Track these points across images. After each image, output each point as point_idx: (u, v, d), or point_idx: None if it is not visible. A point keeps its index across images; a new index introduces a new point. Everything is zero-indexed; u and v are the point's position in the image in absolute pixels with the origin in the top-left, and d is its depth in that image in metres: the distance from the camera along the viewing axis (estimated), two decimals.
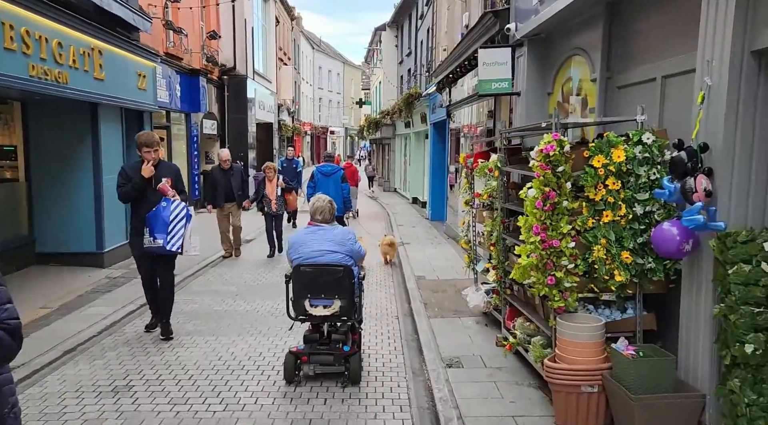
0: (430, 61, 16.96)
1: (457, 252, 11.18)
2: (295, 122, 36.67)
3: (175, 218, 5.62)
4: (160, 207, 5.61)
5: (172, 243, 5.61)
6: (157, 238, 5.54)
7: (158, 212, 5.59)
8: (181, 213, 5.69)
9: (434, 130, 16.28)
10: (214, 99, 18.13)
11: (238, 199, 10.31)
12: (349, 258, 4.73)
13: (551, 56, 6.69)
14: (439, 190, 16.33)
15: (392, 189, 26.68)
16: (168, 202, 5.65)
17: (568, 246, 4.03)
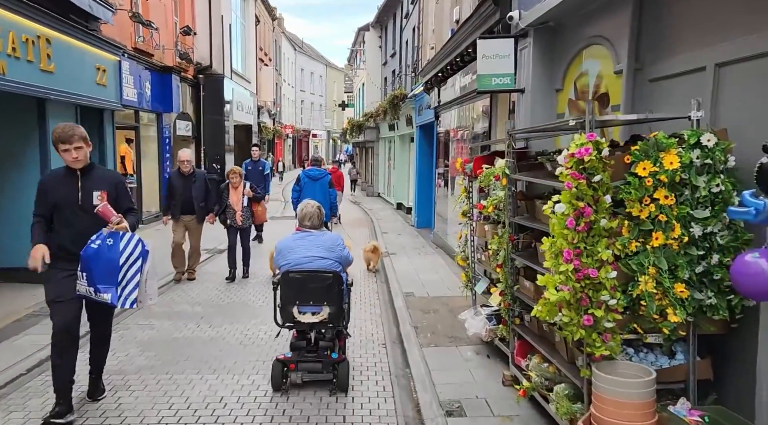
0: (416, 61, 16.08)
1: (447, 264, 10.28)
2: (277, 125, 35.60)
3: (126, 261, 3.92)
4: (102, 244, 3.86)
5: (125, 297, 3.96)
6: (101, 291, 3.87)
7: (100, 252, 3.84)
8: (135, 252, 3.96)
9: (421, 133, 15.39)
10: (188, 99, 17.06)
11: (198, 211, 8.40)
12: (338, 264, 4.63)
13: (561, 47, 5.82)
14: (425, 196, 15.45)
15: (376, 193, 25.76)
16: (116, 237, 3.90)
17: (608, 276, 3.13)
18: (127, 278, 3.95)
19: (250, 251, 9.08)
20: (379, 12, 23.83)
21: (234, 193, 8.66)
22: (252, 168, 12.11)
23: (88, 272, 3.86)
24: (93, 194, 4.00)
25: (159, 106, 14.44)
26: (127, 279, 3.95)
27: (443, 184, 12.26)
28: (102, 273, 3.85)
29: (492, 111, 8.14)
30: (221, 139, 17.86)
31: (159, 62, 14.39)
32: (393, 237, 13.74)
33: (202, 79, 17.35)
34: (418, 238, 13.66)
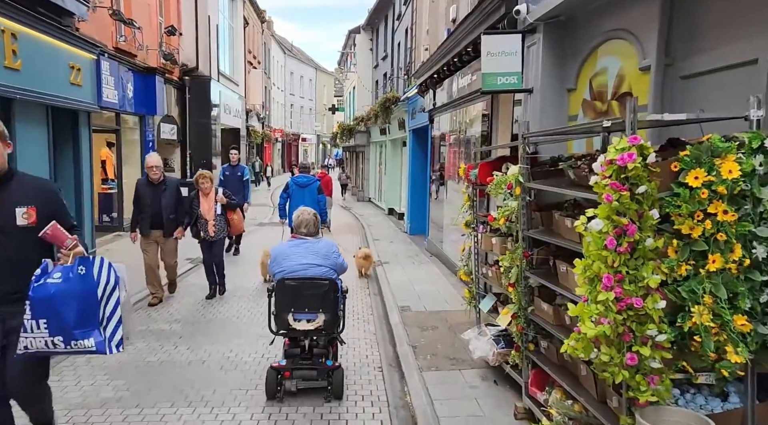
0: (409, 64, 15.57)
1: (443, 274, 9.74)
2: (266, 128, 34.97)
3: (104, 294, 3.11)
4: (69, 276, 3.02)
5: (110, 339, 3.12)
6: (79, 338, 2.99)
7: (68, 287, 2.99)
8: (110, 281, 3.14)
9: (414, 137, 14.87)
10: (174, 101, 16.43)
11: (168, 224, 7.22)
12: (333, 271, 4.60)
13: (574, 44, 5.31)
14: (419, 202, 14.91)
15: (366, 198, 25.20)
16: (87, 264, 3.09)
17: (656, 306, 2.60)
18: (107, 315, 3.12)
19: (223, 266, 8.06)
20: (370, 14, 23.33)
21: (205, 200, 7.58)
22: (230, 173, 11.03)
23: (50, 317, 2.94)
24: (16, 211, 3.08)
25: (142, 108, 13.80)
26: (107, 316, 3.12)
27: (438, 189, 11.74)
28: (77, 313, 2.99)
29: (492, 113, 7.63)
30: (208, 142, 17.23)
31: (142, 63, 13.76)
32: (385, 245, 13.19)
33: (188, 81, 16.72)
34: (411, 246, 13.12)
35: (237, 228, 8.17)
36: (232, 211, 7.83)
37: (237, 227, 8.13)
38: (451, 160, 10.48)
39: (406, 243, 13.56)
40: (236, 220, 7.93)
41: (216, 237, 7.64)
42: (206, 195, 7.60)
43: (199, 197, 7.59)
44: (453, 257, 9.98)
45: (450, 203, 10.50)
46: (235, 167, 11.13)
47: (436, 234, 11.80)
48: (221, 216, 7.64)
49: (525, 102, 5.90)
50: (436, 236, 11.69)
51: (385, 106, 16.02)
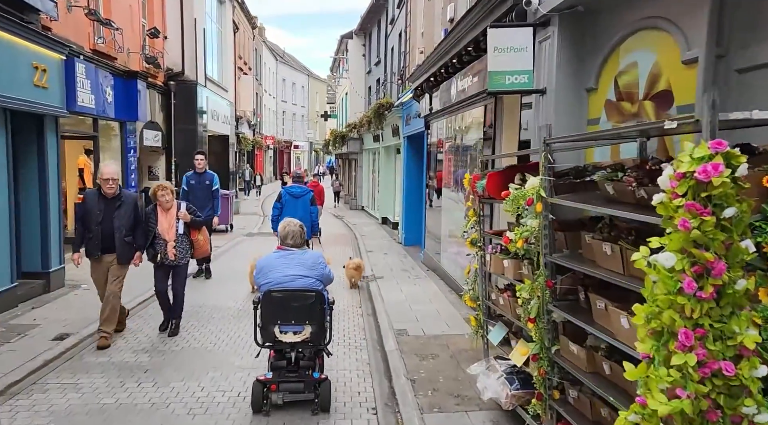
0: (403, 68, 14.91)
1: (441, 291, 9.02)
2: (257, 135, 34.21)
3: None
4: None
5: None
6: None
7: None
8: None
9: (408, 144, 14.18)
10: (158, 107, 15.66)
11: (122, 248, 5.92)
12: (319, 282, 4.51)
13: (596, 36, 4.63)
14: (414, 212, 14.21)
15: (359, 207, 24.47)
16: None
17: (754, 374, 1.90)
18: None
19: (183, 299, 6.53)
20: (362, 19, 22.69)
21: (165, 217, 6.18)
22: (196, 182, 9.55)
23: None
24: None
25: (123, 113, 13.03)
26: None
27: (434, 199, 11.04)
28: None
29: (496, 118, 6.94)
30: (194, 150, 16.41)
31: (123, 66, 13.00)
32: (379, 257, 12.45)
33: (173, 86, 15.96)
34: (406, 258, 12.39)
35: (202, 250, 6.69)
36: (197, 230, 6.46)
37: (202, 249, 6.67)
38: (448, 168, 9.79)
39: (400, 255, 12.83)
40: (201, 241, 6.55)
41: (177, 261, 6.23)
42: (166, 210, 6.22)
43: (158, 213, 6.20)
44: (451, 272, 9.27)
45: (448, 213, 9.80)
46: (201, 175, 9.68)
47: (432, 245, 11.09)
48: (184, 236, 6.26)
49: (537, 104, 5.21)
50: (433, 248, 10.98)
51: (379, 112, 15.33)
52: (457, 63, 7.75)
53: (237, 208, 22.33)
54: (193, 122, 16.39)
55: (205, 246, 6.76)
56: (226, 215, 16.54)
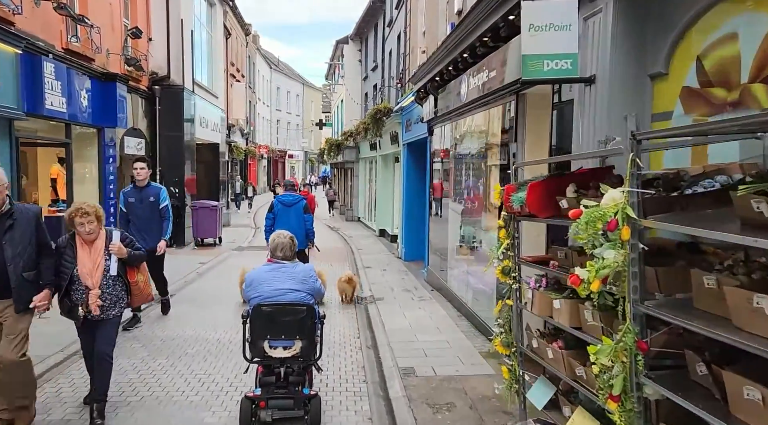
0: (402, 71, 13.88)
1: (449, 316, 7.91)
2: (250, 144, 33.12)
3: None
4: None
5: None
6: None
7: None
8: None
9: (409, 152, 13.12)
10: (141, 113, 14.57)
11: (19, 290, 4.01)
12: (310, 296, 4.32)
13: (663, 8, 3.58)
14: (415, 224, 13.13)
15: (355, 218, 23.36)
16: None
17: None
18: None
19: (111, 362, 4.39)
20: (358, 23, 21.72)
21: (87, 253, 4.22)
22: (136, 200, 7.26)
23: None
24: None
25: (100, 119, 11.92)
26: None
27: (439, 210, 9.96)
28: None
29: (518, 119, 5.87)
30: (180, 158, 15.34)
31: (101, 68, 11.91)
32: (378, 274, 11.34)
33: (157, 91, 14.86)
34: (407, 276, 11.28)
35: (142, 295, 4.71)
36: (136, 269, 4.54)
37: (143, 294, 4.69)
38: (456, 177, 8.72)
39: (401, 272, 11.72)
40: (141, 284, 4.58)
41: (104, 315, 4.27)
42: (89, 244, 4.23)
43: (76, 247, 4.24)
44: (460, 293, 8.18)
45: (455, 226, 8.73)
46: (143, 189, 7.34)
47: (437, 262, 9.99)
48: (117, 278, 4.32)
49: (582, 97, 4.13)
50: (438, 265, 9.88)
51: (377, 118, 14.28)
52: (470, 57, 6.71)
53: (228, 219, 21.20)
54: (179, 129, 15.28)
55: (147, 290, 4.75)
56: (214, 228, 15.42)
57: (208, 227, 15.28)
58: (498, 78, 5.99)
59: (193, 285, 9.64)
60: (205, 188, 20.29)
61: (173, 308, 7.96)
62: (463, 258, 8.38)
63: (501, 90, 5.97)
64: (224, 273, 10.91)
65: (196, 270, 11.08)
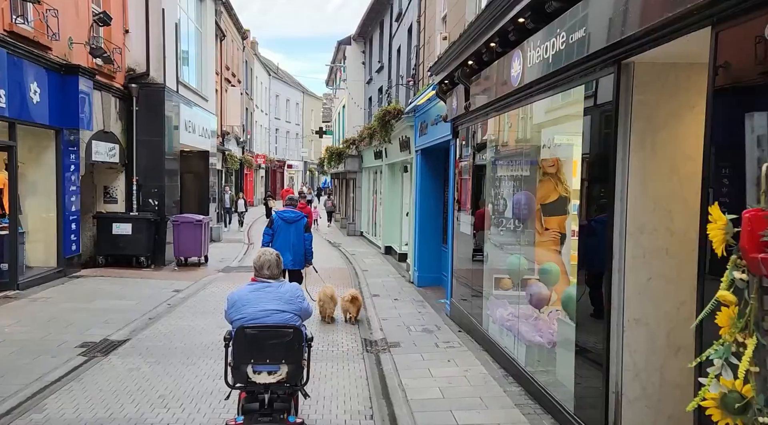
0: (415, 66, 11.89)
1: (491, 376, 5.79)
2: (246, 153, 31.11)
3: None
4: None
5: None
6: None
7: None
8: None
9: (423, 159, 11.09)
10: (115, 114, 12.55)
11: None
12: (297, 318, 4.03)
13: None
14: (430, 244, 11.09)
15: (358, 232, 21.28)
16: None
17: None
18: None
19: None
20: (362, 21, 19.77)
21: None
22: None
23: None
24: None
25: (58, 119, 9.92)
26: None
27: (468, 229, 7.89)
28: None
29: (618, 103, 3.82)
30: (160, 167, 13.29)
31: (60, 59, 9.93)
32: (388, 305, 9.25)
33: (135, 90, 12.86)
34: (424, 308, 9.19)
35: None
36: None
37: None
38: (495, 191, 6.67)
39: (416, 303, 9.62)
40: None
41: None
42: None
43: None
44: (504, 344, 6.09)
45: (497, 255, 6.67)
46: None
47: (464, 294, 7.91)
48: None
49: None
50: (466, 298, 7.80)
51: (385, 121, 12.25)
52: (530, 20, 4.66)
53: (218, 234, 19.10)
54: (159, 133, 13.24)
55: None
56: (199, 245, 13.33)
57: (191, 244, 13.18)
58: (585, 41, 3.95)
59: (156, 325, 7.52)
60: (194, 200, 18.23)
61: (114, 366, 5.85)
62: (507, 294, 6.31)
63: (588, 60, 3.94)
64: (202, 306, 8.81)
65: (167, 300, 8.98)
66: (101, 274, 10.98)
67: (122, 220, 12.49)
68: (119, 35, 12.54)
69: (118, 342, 6.55)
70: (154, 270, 12.39)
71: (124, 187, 13.14)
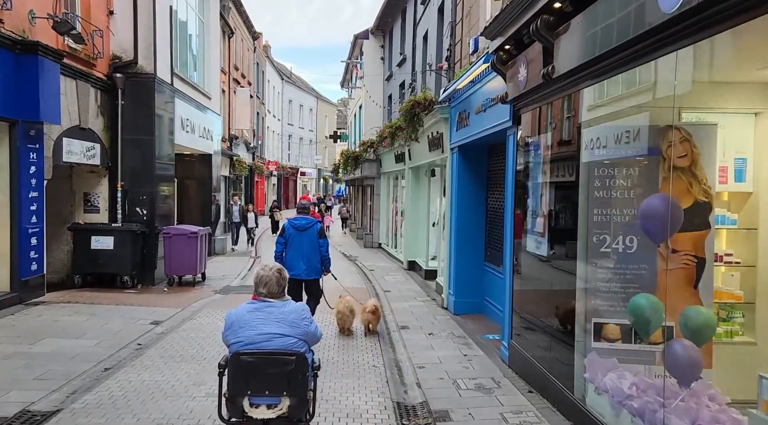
0: (450, 47, 9.71)
1: None
2: (257, 160, 29.13)
3: None
4: None
5: None
6: None
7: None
8: None
9: (461, 158, 8.90)
10: (95, 107, 10.54)
11: None
12: (302, 343, 3.49)
13: None
14: (471, 263, 8.92)
15: (375, 244, 19.09)
16: None
17: None
18: None
19: None
20: (381, 12, 17.69)
21: None
22: None
23: None
24: None
25: (12, 108, 7.89)
26: None
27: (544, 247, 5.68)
28: None
29: None
30: (150, 170, 11.25)
31: (14, 34, 7.92)
32: (422, 344, 7.05)
33: (120, 80, 10.85)
34: (471, 349, 6.94)
35: None
36: None
37: None
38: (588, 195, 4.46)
39: (458, 340, 7.38)
40: None
41: None
42: None
43: None
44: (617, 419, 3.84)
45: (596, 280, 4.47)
46: None
47: (533, 337, 5.67)
48: None
49: None
50: (537, 342, 5.57)
51: (413, 115, 10.08)
52: None
53: (222, 246, 17.00)
54: (149, 132, 11.20)
55: None
56: (194, 261, 11.23)
57: (184, 260, 11.08)
58: None
59: (109, 382, 5.30)
60: (197, 209, 16.19)
61: None
62: (617, 349, 4.09)
63: None
64: (180, 348, 6.66)
65: (138, 338, 6.83)
66: (69, 300, 8.89)
67: (102, 233, 10.43)
68: (102, 16, 10.55)
69: (40, 418, 4.39)
70: (139, 292, 10.30)
71: (108, 193, 11.10)
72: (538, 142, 5.53)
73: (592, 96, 4.48)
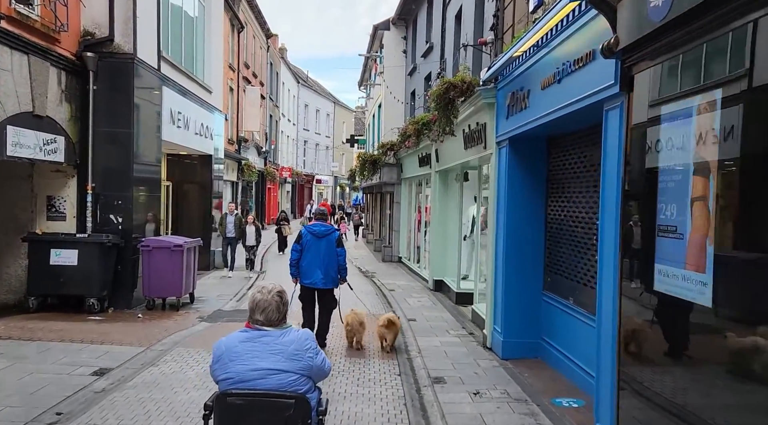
0: (497, 13, 7.52)
1: None
2: (270, 165, 27.19)
3: None
4: None
5: None
6: None
7: None
8: None
9: (512, 155, 6.70)
10: (59, 92, 8.57)
11: None
12: (305, 380, 2.85)
13: None
14: (525, 290, 6.69)
15: (395, 258, 16.89)
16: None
17: None
18: None
19: None
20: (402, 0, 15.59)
21: None
22: None
23: None
24: None
25: None
26: None
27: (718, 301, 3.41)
28: None
29: None
30: (127, 170, 9.22)
31: None
32: (467, 411, 4.83)
33: (91, 60, 8.88)
34: (538, 420, 4.68)
35: None
36: None
37: None
38: None
39: (515, 402, 5.12)
40: None
41: None
42: None
43: None
44: None
45: None
46: None
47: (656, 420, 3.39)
48: None
49: None
50: None
51: (447, 101, 7.89)
52: None
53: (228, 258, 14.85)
54: (127, 124, 9.19)
55: None
56: (179, 280, 9.15)
57: (167, 279, 9.02)
58: None
59: None
60: (197, 218, 14.15)
61: None
62: None
63: None
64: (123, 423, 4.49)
65: (59, 404, 4.69)
66: (3, 333, 6.83)
67: (64, 245, 8.44)
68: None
69: None
70: (106, 320, 8.25)
71: (76, 196, 9.10)
72: (680, 113, 3.29)
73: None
